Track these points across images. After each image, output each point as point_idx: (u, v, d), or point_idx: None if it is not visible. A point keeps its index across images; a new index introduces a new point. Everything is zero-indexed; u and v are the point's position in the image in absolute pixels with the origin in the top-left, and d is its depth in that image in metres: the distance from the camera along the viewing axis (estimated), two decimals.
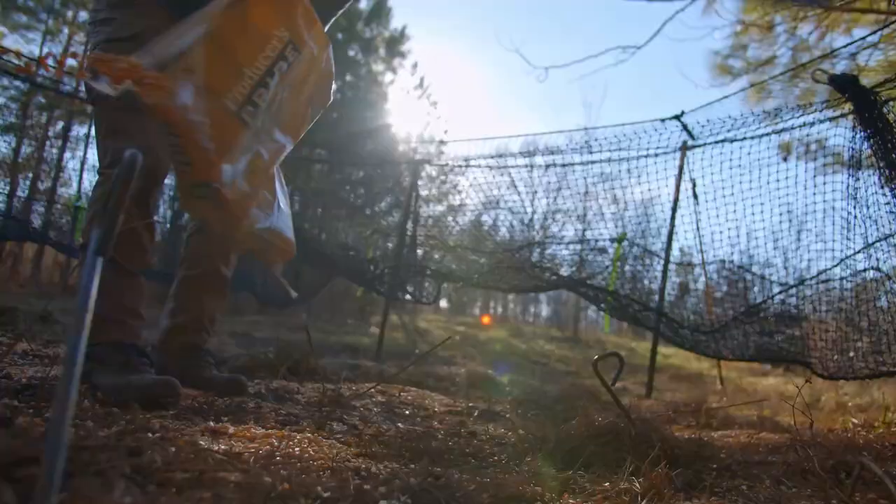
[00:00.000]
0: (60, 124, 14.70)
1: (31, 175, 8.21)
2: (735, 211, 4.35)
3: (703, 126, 4.54)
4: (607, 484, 1.51)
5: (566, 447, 1.86)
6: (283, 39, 1.60)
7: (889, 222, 3.02)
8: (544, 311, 40.29)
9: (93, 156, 7.84)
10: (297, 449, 1.43)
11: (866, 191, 3.20)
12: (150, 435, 1.30)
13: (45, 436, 0.78)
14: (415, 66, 26.60)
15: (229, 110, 1.49)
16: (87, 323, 0.92)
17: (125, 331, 1.97)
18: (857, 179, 3.21)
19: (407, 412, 2.45)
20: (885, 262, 3.26)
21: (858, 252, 3.33)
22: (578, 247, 5.54)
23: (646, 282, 5.13)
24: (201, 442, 1.33)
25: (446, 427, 2.22)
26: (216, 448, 1.30)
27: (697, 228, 4.82)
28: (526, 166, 5.72)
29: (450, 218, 6.61)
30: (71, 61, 1.50)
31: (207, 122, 1.44)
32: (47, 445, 0.75)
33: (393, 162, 7.00)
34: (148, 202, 2.08)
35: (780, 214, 4.23)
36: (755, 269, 4.75)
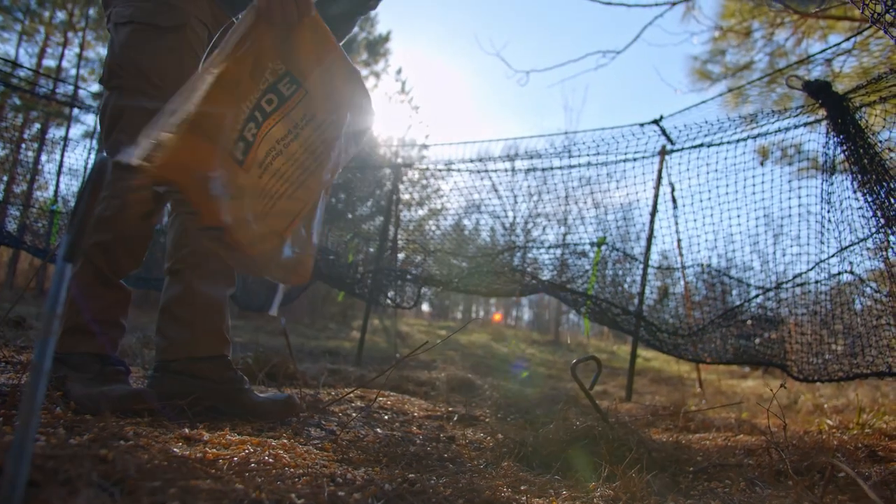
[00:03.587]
0: (37, 126, 14.51)
1: (5, 178, 8.08)
2: (712, 215, 4.39)
3: (680, 131, 4.58)
4: (585, 488, 1.51)
5: (544, 451, 1.86)
6: (276, 72, 1.55)
7: (861, 226, 3.07)
8: (526, 314, 40.48)
9: (70, 159, 7.74)
10: (272, 455, 1.42)
11: (840, 195, 3.25)
12: (122, 442, 1.28)
13: (11, 444, 0.77)
14: (399, 71, 26.69)
15: (227, 150, 1.45)
16: (55, 328, 0.90)
17: (104, 342, 1.88)
18: (832, 184, 3.26)
19: (386, 417, 2.44)
20: (858, 265, 3.31)
21: (832, 256, 3.38)
22: (559, 251, 5.56)
23: (626, 285, 5.16)
24: (175, 449, 1.32)
25: (425, 432, 2.21)
26: (190, 455, 1.29)
27: (677, 232, 4.86)
28: (506, 170, 5.73)
29: (431, 222, 6.61)
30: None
31: (216, 173, 1.41)
32: (11, 454, 0.74)
33: (374, 166, 6.98)
34: (154, 218, 1.97)
35: (758, 218, 4.28)
36: (734, 272, 4.80)
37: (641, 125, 4.73)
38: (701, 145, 4.58)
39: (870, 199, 2.87)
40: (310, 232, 1.83)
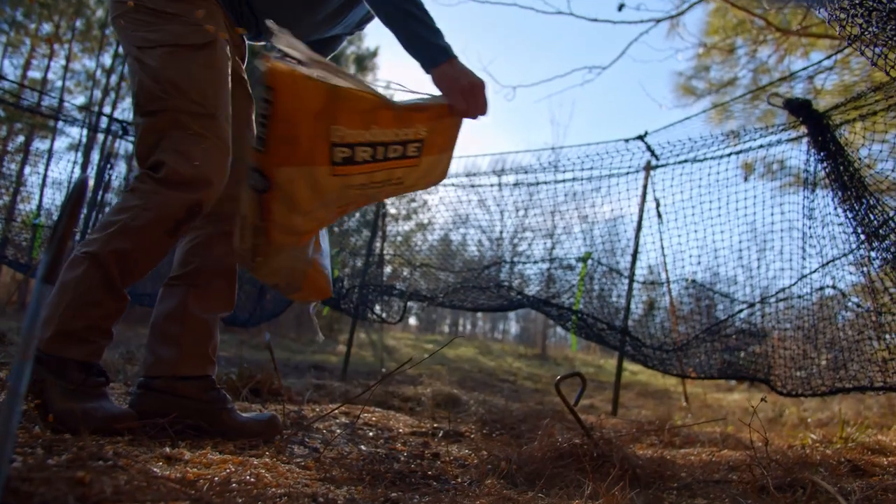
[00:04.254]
0: (21, 138, 14.43)
1: None
2: (696, 231, 4.43)
3: (662, 147, 4.62)
4: None
5: (528, 468, 1.86)
6: (418, 135, 1.72)
7: (843, 242, 3.10)
8: (513, 328, 40.45)
9: (54, 171, 7.68)
10: (253, 475, 1.41)
11: (822, 210, 3.29)
12: (101, 463, 1.26)
13: None
14: (387, 86, 26.84)
15: (328, 138, 1.56)
16: (33, 350, 0.89)
17: (92, 351, 1.81)
18: (812, 200, 3.30)
19: (370, 434, 2.42)
20: (841, 279, 3.35)
21: (815, 271, 3.41)
22: (545, 265, 5.58)
23: (613, 299, 5.18)
24: (154, 469, 1.30)
25: (409, 449, 2.20)
26: (170, 475, 1.28)
27: (662, 247, 4.89)
28: (492, 185, 5.75)
29: (418, 236, 6.62)
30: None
31: (304, 133, 1.54)
32: None
33: None
34: (180, 234, 1.92)
35: (741, 234, 4.31)
36: (719, 286, 4.83)
37: (626, 141, 4.78)
38: (685, 161, 4.62)
39: (850, 216, 2.90)
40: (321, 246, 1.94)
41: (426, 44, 1.93)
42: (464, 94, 1.88)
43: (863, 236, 2.90)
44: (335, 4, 2.16)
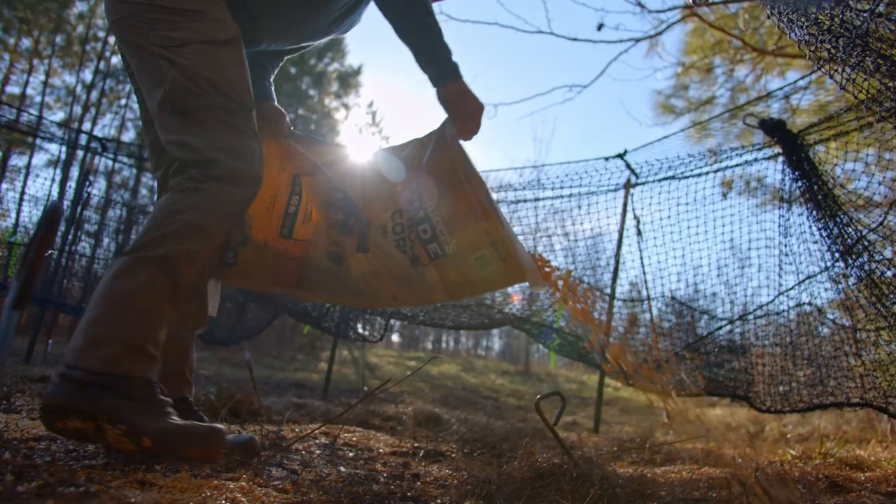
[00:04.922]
0: None
1: None
2: (674, 248, 4.47)
3: (641, 166, 4.67)
4: None
5: (508, 489, 1.85)
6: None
7: (818, 259, 3.15)
8: (496, 344, 40.42)
9: (32, 187, 7.59)
10: (229, 499, 1.39)
11: (798, 228, 3.33)
12: (73, 489, 1.24)
13: None
14: (370, 104, 26.98)
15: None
16: (4, 376, 0.88)
17: (155, 366, 1.66)
18: (788, 219, 3.35)
19: (350, 454, 2.41)
20: (817, 296, 3.39)
21: (791, 288, 3.45)
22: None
23: (594, 316, 5.19)
24: (128, 495, 1.28)
25: (390, 469, 2.19)
26: (144, 501, 1.26)
27: (642, 264, 4.92)
28: None
29: None
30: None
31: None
32: None
33: None
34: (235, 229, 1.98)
35: (721, 250, 4.36)
36: (700, 303, 4.87)
37: (606, 159, 4.82)
38: (665, 178, 4.67)
39: (825, 234, 2.95)
40: None
41: (439, 59, 2.06)
42: (467, 115, 2.13)
43: (837, 254, 2.95)
44: (333, 14, 2.18)
